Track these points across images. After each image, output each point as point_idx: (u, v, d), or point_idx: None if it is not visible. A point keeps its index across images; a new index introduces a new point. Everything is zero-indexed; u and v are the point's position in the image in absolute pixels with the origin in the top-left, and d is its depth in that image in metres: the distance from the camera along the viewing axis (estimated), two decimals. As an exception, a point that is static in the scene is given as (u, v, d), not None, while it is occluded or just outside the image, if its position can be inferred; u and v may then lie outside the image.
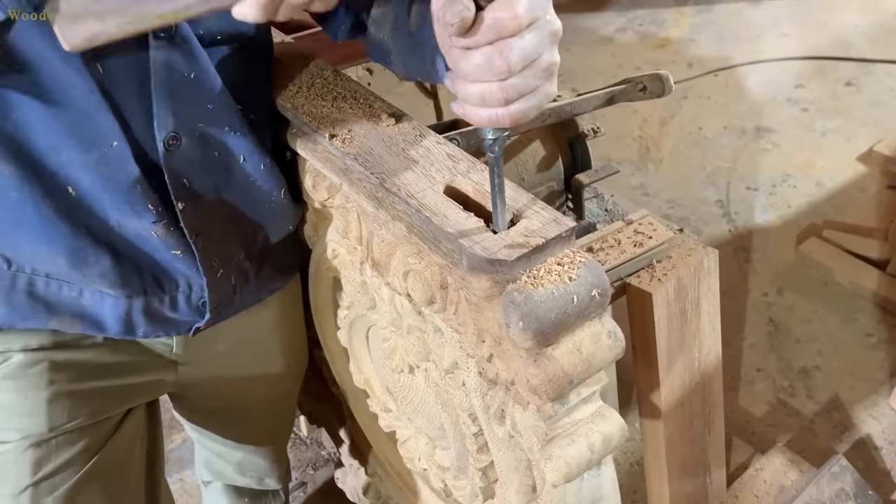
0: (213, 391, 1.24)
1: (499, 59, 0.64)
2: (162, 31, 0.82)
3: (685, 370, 1.24)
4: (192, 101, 0.89)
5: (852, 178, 2.76)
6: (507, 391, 0.81)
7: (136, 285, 0.99)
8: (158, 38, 0.82)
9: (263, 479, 1.43)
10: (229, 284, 1.06)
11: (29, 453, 1.01)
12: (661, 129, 3.16)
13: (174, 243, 0.96)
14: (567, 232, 0.73)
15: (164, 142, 0.88)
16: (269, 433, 1.40)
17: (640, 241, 1.17)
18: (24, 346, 1.00)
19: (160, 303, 1.02)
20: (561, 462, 0.76)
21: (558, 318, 0.70)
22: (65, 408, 1.02)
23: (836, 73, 3.39)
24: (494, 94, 0.66)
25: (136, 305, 1.00)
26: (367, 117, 0.93)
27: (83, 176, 0.87)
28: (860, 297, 2.27)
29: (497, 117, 0.68)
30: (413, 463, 1.28)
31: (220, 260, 1.01)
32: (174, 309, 1.03)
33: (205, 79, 0.89)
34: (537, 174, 1.28)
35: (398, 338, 1.03)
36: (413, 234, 0.82)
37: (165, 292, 1.01)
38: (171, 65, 0.85)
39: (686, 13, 4.06)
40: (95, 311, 0.99)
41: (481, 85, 0.66)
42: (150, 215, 0.92)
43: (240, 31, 0.93)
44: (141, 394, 1.15)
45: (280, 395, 1.36)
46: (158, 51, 0.83)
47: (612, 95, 1.20)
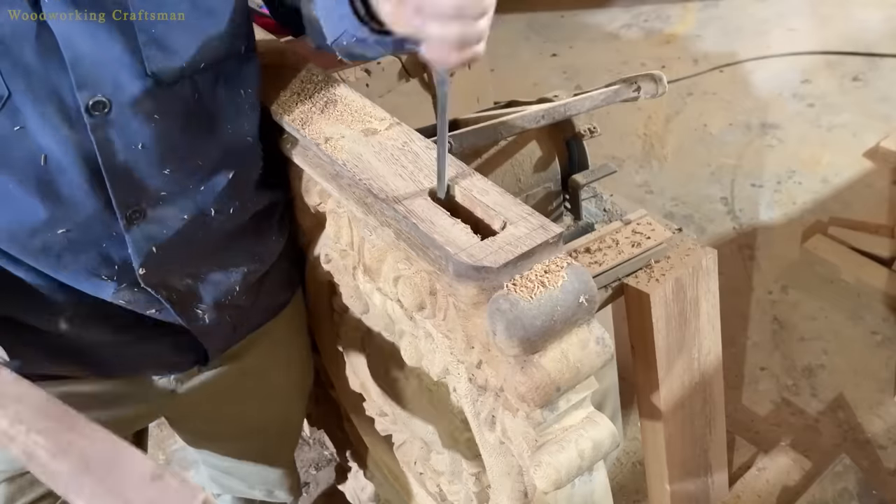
0: (214, 414, 1.21)
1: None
2: (94, 107, 0.78)
3: (685, 371, 1.23)
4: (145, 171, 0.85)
5: (859, 174, 2.74)
6: (497, 397, 0.81)
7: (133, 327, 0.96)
8: (93, 116, 0.78)
9: (273, 491, 1.39)
10: (226, 323, 1.04)
11: (3, 488, 0.99)
12: (665, 126, 3.15)
13: (146, 304, 0.93)
14: (554, 238, 0.73)
15: (126, 216, 0.85)
16: (276, 448, 1.37)
17: (638, 241, 1.17)
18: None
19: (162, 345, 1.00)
20: (550, 469, 0.75)
21: (545, 326, 0.69)
22: None
23: (843, 68, 3.36)
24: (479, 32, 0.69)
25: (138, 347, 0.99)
26: (358, 123, 0.93)
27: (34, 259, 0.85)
28: (866, 295, 2.25)
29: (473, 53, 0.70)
30: (409, 467, 1.28)
31: (206, 307, 0.99)
32: (178, 351, 1.02)
33: (154, 146, 0.84)
34: (534, 175, 1.27)
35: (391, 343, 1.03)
36: (401, 240, 0.82)
37: (166, 336, 0.99)
38: (114, 140, 0.80)
39: (691, 9, 4.04)
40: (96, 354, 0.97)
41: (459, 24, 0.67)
42: (109, 284, 0.89)
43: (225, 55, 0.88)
44: (134, 423, 1.13)
45: (287, 411, 1.33)
46: (97, 130, 0.79)
47: (606, 96, 1.19)
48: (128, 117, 0.80)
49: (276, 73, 1.05)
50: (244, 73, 0.92)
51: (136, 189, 0.85)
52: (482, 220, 0.78)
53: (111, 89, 0.79)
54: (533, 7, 4.31)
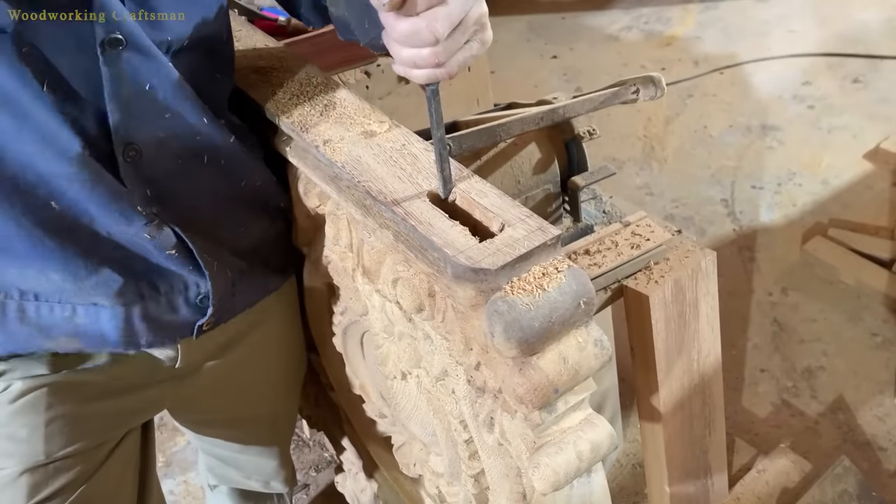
0: (213, 401, 1.24)
1: (426, 31, 0.67)
2: (110, 44, 0.81)
3: (684, 372, 1.23)
4: (148, 111, 0.88)
5: (859, 175, 2.74)
6: (496, 399, 0.81)
7: (131, 292, 0.98)
8: (106, 52, 0.81)
9: (269, 482, 1.43)
10: (226, 277, 1.05)
11: (25, 479, 1.01)
12: (665, 128, 3.15)
13: (168, 242, 0.95)
14: (552, 240, 0.73)
15: (122, 153, 0.87)
16: (270, 438, 1.40)
17: (637, 242, 1.17)
18: (24, 373, 0.99)
19: (157, 306, 1.00)
20: (549, 470, 0.75)
21: (543, 328, 0.69)
22: (63, 434, 1.02)
23: (843, 69, 3.36)
24: (426, 59, 0.69)
25: (135, 313, 0.99)
26: (356, 125, 0.93)
27: (66, 188, 0.86)
28: (866, 297, 2.25)
29: (434, 75, 0.71)
30: (408, 468, 1.28)
31: (210, 256, 1.01)
32: (173, 310, 1.02)
33: (162, 88, 0.87)
34: (533, 177, 1.27)
35: (390, 344, 1.03)
36: (400, 242, 0.82)
37: (162, 294, 1.00)
38: (123, 77, 0.84)
39: (692, 10, 4.05)
40: (92, 326, 0.98)
41: (413, 50, 0.69)
42: (141, 217, 0.91)
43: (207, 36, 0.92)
44: (141, 414, 1.15)
45: (281, 401, 1.36)
46: (109, 64, 0.82)
47: (605, 98, 1.19)
48: (139, 59, 0.84)
49: (275, 76, 1.05)
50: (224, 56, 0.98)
51: (135, 126, 0.87)
52: (481, 222, 0.78)
53: (130, 29, 0.82)
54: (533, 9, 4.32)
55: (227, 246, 1.05)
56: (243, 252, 1.08)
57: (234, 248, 1.06)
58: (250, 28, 1.28)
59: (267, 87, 1.04)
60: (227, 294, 1.06)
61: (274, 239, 1.14)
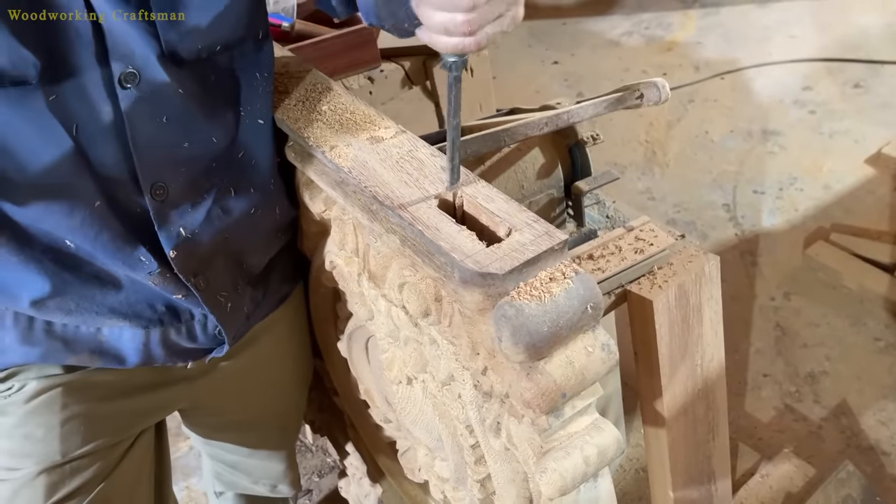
0: (225, 403, 1.25)
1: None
2: (126, 79, 0.81)
3: (688, 377, 1.23)
4: (167, 145, 0.88)
5: (860, 180, 2.74)
6: (503, 404, 0.81)
7: (150, 316, 0.99)
8: (125, 88, 0.82)
9: (276, 485, 1.43)
10: (241, 313, 1.07)
11: (43, 479, 1.02)
12: (667, 133, 3.15)
13: (173, 289, 0.96)
14: (559, 245, 0.73)
15: (150, 193, 0.88)
16: (279, 439, 1.40)
17: (640, 247, 1.17)
18: (39, 373, 1.00)
19: (177, 333, 1.02)
20: (556, 475, 0.75)
21: (550, 332, 0.69)
22: (79, 433, 1.03)
23: (844, 74, 3.37)
24: (459, 26, 0.67)
25: (154, 336, 1.00)
26: (363, 130, 0.93)
27: (72, 237, 0.87)
28: (868, 301, 2.26)
29: (463, 45, 0.69)
30: (413, 473, 1.28)
31: (227, 294, 1.02)
32: (192, 339, 1.04)
33: (175, 119, 0.87)
34: (537, 182, 1.28)
35: (396, 349, 1.03)
36: (407, 246, 0.82)
37: (182, 322, 1.02)
38: (144, 113, 0.84)
39: (692, 16, 4.05)
40: (114, 345, 0.99)
41: (446, 14, 0.67)
42: (144, 266, 0.92)
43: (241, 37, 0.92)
44: (154, 413, 1.15)
45: (289, 402, 1.37)
46: (128, 100, 0.82)
47: (609, 103, 1.19)
48: (154, 90, 0.84)
49: (280, 81, 1.06)
50: (260, 56, 0.96)
51: (160, 162, 0.88)
52: (487, 227, 0.78)
53: (141, 62, 0.82)
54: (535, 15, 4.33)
55: (246, 277, 1.06)
56: (260, 278, 1.09)
57: (253, 277, 1.07)
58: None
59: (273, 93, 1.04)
60: (242, 327, 1.08)
61: (286, 252, 1.15)
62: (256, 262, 1.07)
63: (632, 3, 4.30)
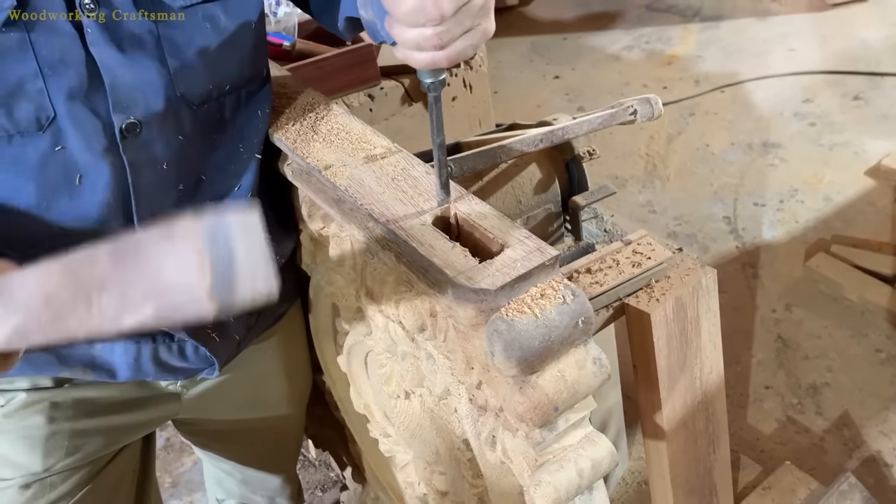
0: (217, 416, 1.25)
1: (431, 6, 0.66)
2: (128, 129, 0.83)
3: (687, 390, 1.24)
4: (164, 190, 0.91)
5: (861, 192, 2.75)
6: (497, 417, 0.82)
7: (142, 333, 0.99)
8: (125, 138, 0.84)
9: (274, 498, 1.43)
10: (233, 341, 1.07)
11: (24, 492, 1.02)
12: (667, 146, 3.17)
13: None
14: (550, 260, 0.74)
15: None
16: (275, 455, 1.41)
17: (638, 261, 1.18)
18: (30, 385, 1.01)
19: (168, 351, 1.02)
20: (550, 488, 0.76)
21: (542, 346, 0.70)
22: (63, 447, 1.03)
23: (843, 87, 3.38)
24: (429, 39, 0.68)
25: (146, 352, 1.01)
26: (359, 150, 0.95)
27: None
28: (869, 313, 2.26)
29: (434, 60, 0.70)
30: (412, 487, 1.28)
31: (213, 326, 1.03)
32: (182, 358, 1.04)
33: (173, 164, 0.90)
34: (534, 197, 1.29)
35: (394, 364, 1.04)
36: (402, 263, 0.83)
37: (174, 341, 1.02)
38: (144, 161, 0.86)
39: (692, 30, 4.08)
40: (106, 359, 1.00)
41: (416, 30, 0.68)
42: None
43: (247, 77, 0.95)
44: (142, 428, 1.15)
45: (285, 418, 1.36)
46: (130, 150, 0.85)
47: (603, 120, 1.21)
48: (155, 138, 0.86)
49: (279, 100, 1.07)
50: (262, 93, 0.99)
51: (156, 207, 0.90)
52: (480, 243, 0.80)
53: (143, 112, 0.84)
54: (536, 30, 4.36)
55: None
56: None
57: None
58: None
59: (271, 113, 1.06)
60: (233, 351, 1.09)
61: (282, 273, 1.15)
62: None
63: (632, 17, 4.32)
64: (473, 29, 0.70)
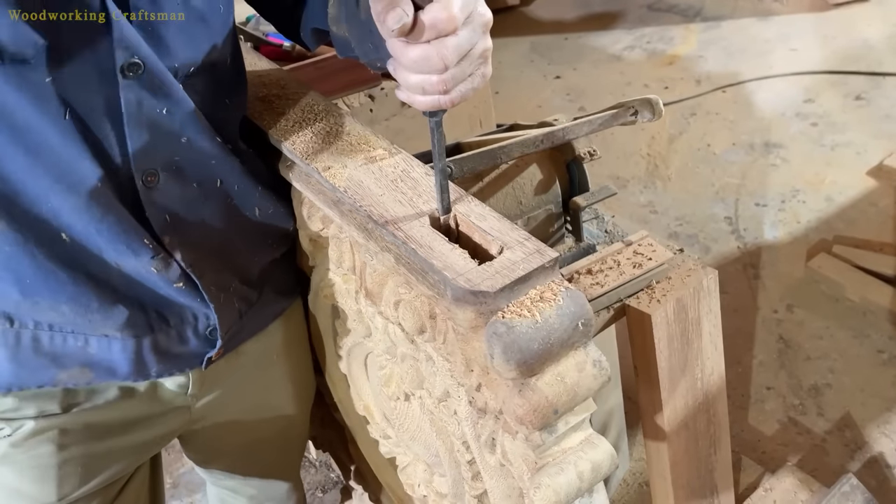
0: (225, 427, 1.24)
1: (436, 57, 0.68)
2: (129, 68, 0.83)
3: (688, 391, 1.24)
4: (166, 135, 0.89)
5: (863, 192, 2.75)
6: (497, 420, 0.82)
7: (142, 324, 0.98)
8: (126, 77, 0.83)
9: None
10: (234, 309, 1.06)
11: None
12: (669, 147, 3.16)
13: (175, 276, 0.96)
14: (550, 262, 0.74)
15: (142, 179, 0.89)
16: (281, 463, 1.39)
17: (639, 262, 1.17)
18: (37, 412, 0.99)
19: (168, 338, 1.01)
20: (550, 491, 0.76)
21: (541, 349, 0.70)
22: (76, 474, 1.02)
23: (845, 87, 3.38)
24: (434, 85, 0.71)
25: (146, 344, 0.99)
26: (358, 151, 0.95)
27: (75, 220, 0.87)
28: (871, 313, 2.25)
29: (438, 103, 0.73)
30: (413, 489, 1.28)
31: (217, 288, 1.02)
32: (183, 342, 1.03)
33: (177, 112, 0.89)
34: (535, 197, 1.29)
35: (393, 366, 1.04)
36: (401, 265, 0.83)
37: (171, 327, 1.01)
38: (142, 102, 0.85)
39: (694, 30, 4.07)
40: (104, 357, 0.98)
41: (421, 76, 0.71)
42: (148, 251, 0.92)
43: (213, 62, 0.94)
44: (152, 446, 1.14)
45: (290, 423, 1.35)
46: (128, 89, 0.84)
47: (603, 121, 1.20)
48: (157, 83, 0.86)
49: (278, 102, 1.07)
50: (233, 82, 1.00)
51: (154, 151, 0.89)
52: (480, 245, 0.79)
53: (146, 53, 0.84)
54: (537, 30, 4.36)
55: (237, 276, 1.06)
56: (252, 281, 1.09)
57: (244, 277, 1.07)
58: (254, 55, 1.30)
59: (271, 114, 1.06)
60: (235, 325, 1.07)
61: (282, 265, 1.15)
62: (245, 262, 1.07)
63: (633, 17, 4.32)
64: (474, 73, 0.73)
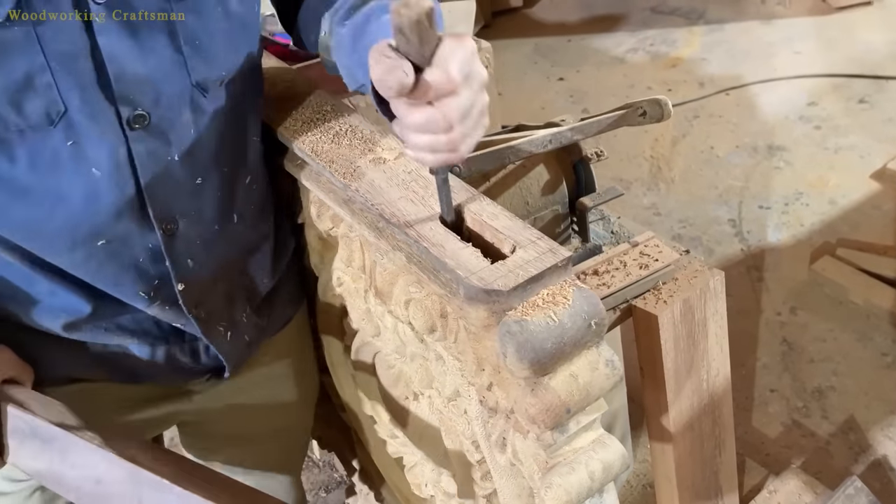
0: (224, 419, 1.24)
1: (441, 120, 0.69)
2: (135, 119, 0.83)
3: (694, 392, 1.24)
4: (179, 182, 0.90)
5: (866, 195, 2.75)
6: (508, 419, 0.82)
7: (156, 334, 1.01)
8: (133, 129, 0.84)
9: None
10: (243, 342, 1.08)
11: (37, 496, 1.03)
12: (672, 149, 3.16)
13: (174, 318, 0.98)
14: (563, 262, 0.74)
15: (161, 229, 0.90)
16: (281, 461, 1.39)
17: (645, 263, 1.18)
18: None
19: (181, 352, 1.03)
20: (561, 490, 0.76)
21: (554, 348, 0.70)
22: None
23: (849, 90, 3.38)
24: (442, 145, 0.72)
25: (159, 353, 1.02)
26: (368, 150, 0.95)
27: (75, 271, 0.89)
28: (875, 316, 2.25)
29: (449, 159, 0.74)
30: (420, 489, 1.28)
31: (227, 324, 1.03)
32: (195, 359, 1.05)
33: (187, 157, 0.90)
34: (542, 198, 1.29)
35: (402, 365, 1.04)
36: (413, 263, 0.83)
37: (185, 342, 1.03)
38: (154, 152, 0.86)
39: (697, 32, 4.07)
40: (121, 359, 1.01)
41: (429, 136, 0.71)
42: (143, 300, 0.94)
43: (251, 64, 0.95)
44: (154, 428, 1.16)
45: (292, 423, 1.36)
46: (138, 142, 0.85)
47: (612, 121, 1.21)
48: (165, 130, 0.86)
49: (287, 100, 1.07)
50: (259, 81, 1.01)
51: (171, 201, 0.90)
52: (492, 244, 0.79)
53: (151, 103, 0.84)
54: (540, 32, 4.36)
55: (249, 303, 1.07)
56: (264, 304, 1.10)
57: (256, 303, 1.09)
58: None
59: (279, 112, 1.06)
60: (243, 354, 1.09)
61: (287, 274, 1.17)
62: (261, 287, 1.08)
63: (636, 20, 4.32)
64: (475, 128, 0.74)
